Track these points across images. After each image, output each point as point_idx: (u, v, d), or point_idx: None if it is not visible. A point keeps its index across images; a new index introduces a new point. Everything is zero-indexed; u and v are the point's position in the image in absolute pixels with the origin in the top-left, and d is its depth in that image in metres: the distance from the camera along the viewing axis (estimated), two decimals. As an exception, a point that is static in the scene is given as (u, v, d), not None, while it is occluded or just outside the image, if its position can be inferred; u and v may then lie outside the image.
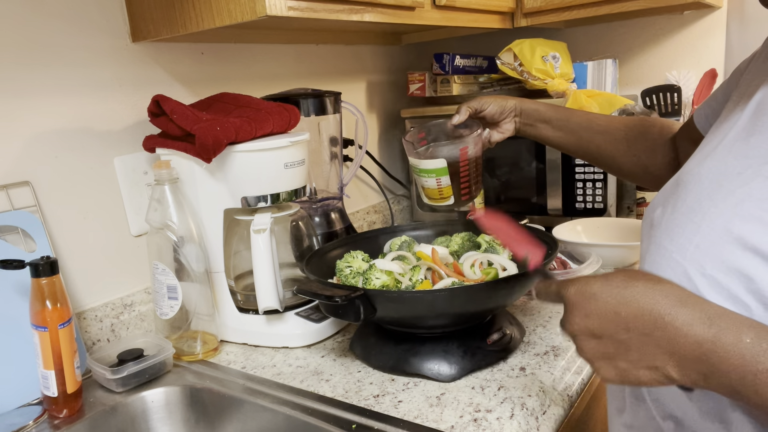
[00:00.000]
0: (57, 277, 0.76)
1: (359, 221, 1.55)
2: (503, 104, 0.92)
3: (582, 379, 0.79)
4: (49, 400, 0.77)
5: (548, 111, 0.92)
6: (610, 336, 0.48)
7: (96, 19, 0.96)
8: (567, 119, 0.91)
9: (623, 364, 0.48)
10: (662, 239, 0.55)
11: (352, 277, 0.89)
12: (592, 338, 0.49)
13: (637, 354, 0.46)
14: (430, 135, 0.95)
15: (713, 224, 0.49)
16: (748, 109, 0.55)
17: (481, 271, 0.88)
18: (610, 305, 0.47)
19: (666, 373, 0.46)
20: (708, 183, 0.53)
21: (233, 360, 0.92)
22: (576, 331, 0.50)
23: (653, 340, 0.45)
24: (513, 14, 1.39)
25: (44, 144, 0.91)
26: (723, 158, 0.53)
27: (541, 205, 1.40)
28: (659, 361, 0.46)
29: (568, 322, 0.51)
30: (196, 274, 0.91)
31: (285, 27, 1.25)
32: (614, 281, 0.48)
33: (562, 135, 0.92)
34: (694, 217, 0.52)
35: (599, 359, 0.49)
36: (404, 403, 0.74)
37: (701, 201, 0.52)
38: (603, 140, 0.90)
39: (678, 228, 0.53)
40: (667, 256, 0.54)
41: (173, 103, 0.89)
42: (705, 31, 1.46)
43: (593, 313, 0.48)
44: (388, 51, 1.65)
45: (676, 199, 0.55)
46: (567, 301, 0.51)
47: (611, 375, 0.49)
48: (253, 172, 0.90)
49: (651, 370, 0.46)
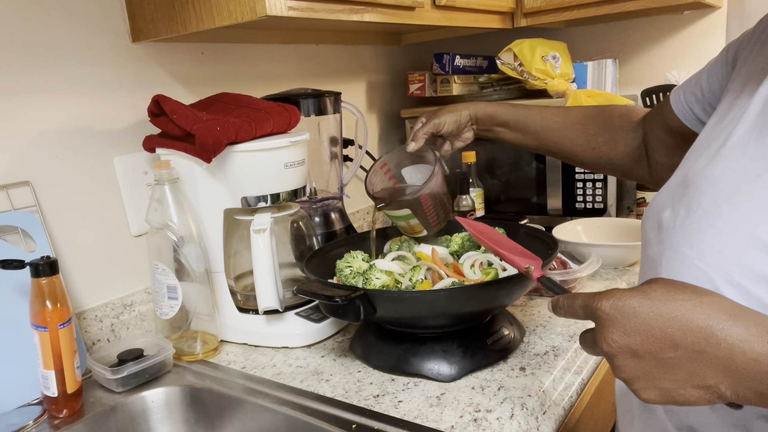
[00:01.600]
0: (57, 277, 0.76)
1: (359, 221, 1.55)
2: (458, 119, 0.92)
3: (582, 379, 0.79)
4: (49, 400, 0.77)
5: (504, 114, 0.92)
6: (653, 355, 0.44)
7: (96, 19, 0.96)
8: (524, 121, 0.91)
9: (668, 384, 0.44)
10: (679, 244, 0.52)
11: (352, 277, 0.89)
12: (633, 357, 0.45)
13: (686, 373, 0.43)
14: (392, 162, 0.97)
15: (737, 229, 0.47)
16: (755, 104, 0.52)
17: (481, 271, 0.88)
18: (654, 321, 0.44)
19: (718, 391, 0.43)
20: (724, 185, 0.50)
21: (233, 360, 0.92)
22: (614, 350, 0.46)
23: (705, 357, 0.42)
24: (513, 14, 1.39)
25: (44, 144, 0.91)
26: (737, 159, 0.50)
27: (541, 205, 1.40)
28: (711, 379, 0.42)
29: (603, 340, 0.47)
30: (196, 274, 0.91)
31: (285, 27, 1.25)
32: (654, 295, 0.45)
33: (520, 136, 0.92)
34: (714, 221, 0.49)
35: (640, 380, 0.46)
36: (404, 403, 0.74)
37: (719, 204, 0.49)
38: (560, 137, 0.89)
39: (697, 233, 0.50)
40: (687, 262, 0.51)
41: (173, 103, 0.89)
42: (705, 31, 1.46)
43: (634, 330, 0.45)
44: (388, 51, 1.65)
45: (689, 201, 0.53)
46: (601, 317, 0.47)
47: (653, 396, 0.46)
48: (253, 172, 0.90)
49: (702, 389, 0.43)
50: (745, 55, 0.61)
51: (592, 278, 1.12)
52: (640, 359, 0.45)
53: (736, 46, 0.65)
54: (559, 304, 0.54)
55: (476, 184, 1.43)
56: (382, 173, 0.97)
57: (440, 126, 0.91)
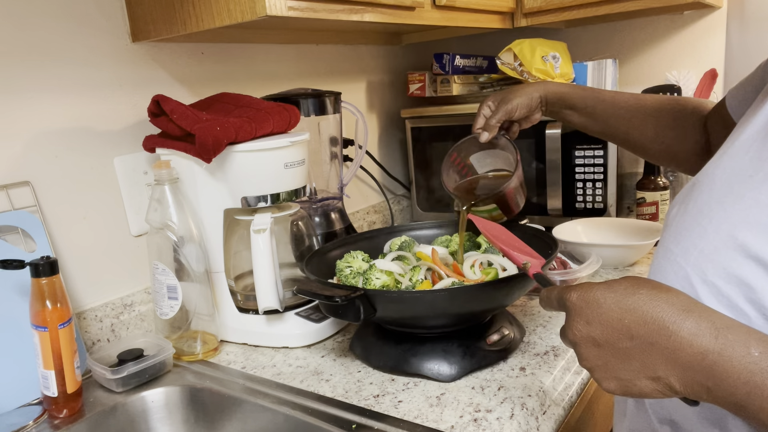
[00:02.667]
0: (57, 277, 0.76)
1: (359, 221, 1.55)
2: (529, 103, 0.89)
3: (582, 379, 0.79)
4: (49, 400, 0.77)
5: (575, 97, 0.89)
6: (612, 344, 0.46)
7: (96, 19, 0.96)
8: (593, 105, 0.88)
9: (625, 374, 0.46)
10: (669, 242, 0.53)
11: (352, 277, 0.89)
12: (594, 346, 0.47)
13: (639, 363, 0.45)
14: (461, 152, 0.96)
15: (719, 229, 0.48)
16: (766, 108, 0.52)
17: (481, 271, 0.88)
18: (613, 312, 0.46)
19: (669, 383, 0.44)
20: (720, 184, 0.50)
21: (233, 360, 0.92)
22: (578, 338, 0.48)
23: (656, 349, 0.44)
24: (513, 14, 1.39)
25: (44, 144, 0.91)
26: (739, 159, 0.50)
27: (541, 205, 1.40)
28: (662, 371, 0.44)
29: (569, 328, 0.49)
30: (196, 274, 0.91)
31: (285, 27, 1.25)
32: (618, 288, 0.47)
33: (588, 121, 0.90)
34: (702, 220, 0.50)
35: (601, 369, 0.48)
36: (404, 403, 0.74)
37: (711, 204, 0.50)
38: (629, 126, 0.87)
39: (685, 231, 0.51)
40: (671, 259, 0.52)
41: (173, 103, 0.89)
42: (705, 31, 1.46)
43: (596, 320, 0.47)
44: (388, 51, 1.65)
45: (689, 200, 0.53)
46: (569, 308, 0.50)
47: (612, 386, 0.47)
48: (253, 172, 0.90)
49: (653, 380, 0.45)
50: None
51: (592, 278, 1.12)
52: (600, 348, 0.47)
53: None
54: (541, 295, 0.56)
55: (476, 184, 1.43)
56: (454, 165, 0.95)
57: (513, 112, 0.89)
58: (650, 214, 1.33)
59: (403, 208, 1.72)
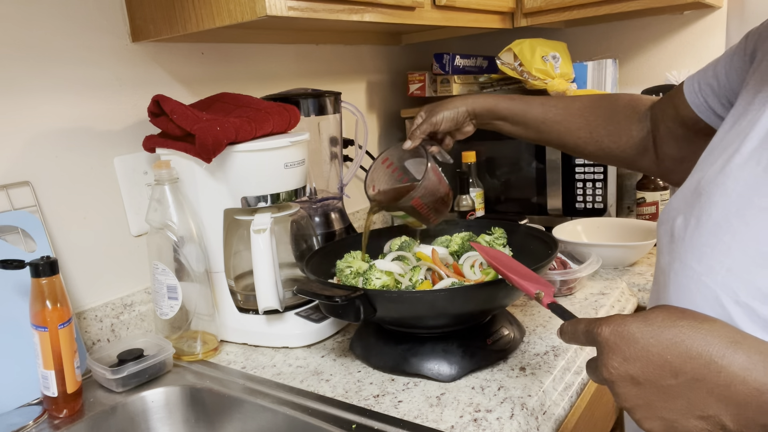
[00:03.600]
0: (57, 277, 0.76)
1: (359, 221, 1.55)
2: (455, 116, 0.90)
3: (582, 379, 0.79)
4: (49, 400, 0.77)
5: (503, 108, 0.90)
6: (654, 382, 0.43)
7: (96, 19, 0.96)
8: (523, 114, 0.89)
9: (670, 414, 0.43)
10: (688, 258, 0.50)
11: (353, 278, 0.89)
12: (634, 385, 0.44)
13: (686, 402, 0.42)
14: (393, 156, 0.97)
15: (746, 246, 0.45)
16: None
17: (481, 271, 0.88)
18: (653, 348, 0.43)
19: (720, 422, 0.41)
20: (736, 197, 0.47)
21: (233, 360, 0.92)
22: (614, 377, 0.45)
23: (705, 386, 0.41)
24: (513, 14, 1.39)
25: (44, 144, 0.91)
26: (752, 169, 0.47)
27: (541, 205, 1.40)
28: (713, 410, 0.41)
29: (604, 366, 0.46)
30: (196, 274, 0.91)
31: (285, 27, 1.25)
32: (655, 320, 0.44)
33: (521, 129, 0.91)
34: (723, 235, 0.47)
35: (642, 409, 0.45)
36: (404, 403, 0.74)
37: (729, 218, 0.47)
38: (562, 129, 0.87)
39: (706, 247, 0.48)
40: (695, 278, 0.49)
41: (173, 103, 0.89)
42: (705, 31, 1.46)
43: (634, 357, 0.44)
44: (388, 51, 1.65)
45: (700, 212, 0.50)
46: (601, 343, 0.46)
47: (656, 426, 0.44)
48: (253, 172, 0.90)
49: (703, 420, 0.42)
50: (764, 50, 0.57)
51: (592, 278, 1.12)
52: (640, 387, 0.44)
53: (755, 38, 0.60)
54: (563, 329, 0.54)
55: (476, 184, 1.43)
56: (384, 168, 0.96)
57: (437, 125, 0.91)
58: (650, 214, 1.33)
59: (403, 208, 1.72)
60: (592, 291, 1.06)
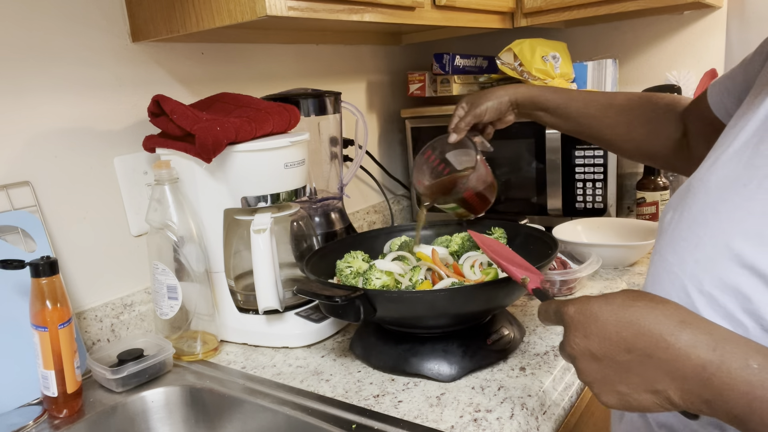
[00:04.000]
0: (57, 277, 0.76)
1: (359, 221, 1.55)
2: (498, 107, 0.91)
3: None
4: (49, 400, 0.77)
5: (546, 99, 0.91)
6: (610, 357, 0.46)
7: (96, 19, 0.96)
8: (565, 107, 0.90)
9: (624, 388, 0.46)
10: (665, 250, 0.53)
11: (353, 278, 0.89)
12: (593, 360, 0.47)
13: (638, 377, 0.45)
14: (435, 150, 0.98)
15: (715, 239, 0.47)
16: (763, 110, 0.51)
17: (481, 271, 0.88)
18: (611, 326, 0.45)
19: (668, 397, 0.44)
20: (714, 192, 0.50)
21: (233, 360, 0.92)
22: (576, 352, 0.48)
23: (654, 361, 0.43)
24: (513, 14, 1.39)
25: (44, 144, 0.91)
26: (733, 167, 0.50)
27: (541, 205, 1.40)
28: (661, 384, 0.44)
29: (567, 342, 0.49)
30: (196, 274, 0.91)
31: (285, 27, 1.25)
32: (615, 301, 0.47)
33: (560, 122, 0.92)
34: (698, 229, 0.49)
35: (599, 383, 0.47)
36: (404, 403, 0.74)
37: (706, 213, 0.50)
38: (601, 125, 0.89)
39: (682, 240, 0.51)
40: (668, 268, 0.52)
41: (173, 103, 0.89)
42: (705, 31, 1.46)
43: (593, 333, 0.47)
44: (388, 51, 1.65)
45: (683, 207, 0.53)
46: (567, 322, 0.49)
47: (612, 400, 0.47)
48: (253, 172, 0.90)
49: (653, 393, 0.45)
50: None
51: (592, 278, 1.12)
52: (598, 362, 0.47)
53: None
54: (539, 310, 0.56)
55: (476, 184, 1.42)
56: (428, 162, 0.98)
57: (482, 116, 0.91)
58: (650, 214, 1.33)
59: (403, 208, 1.72)
60: (592, 291, 1.06)
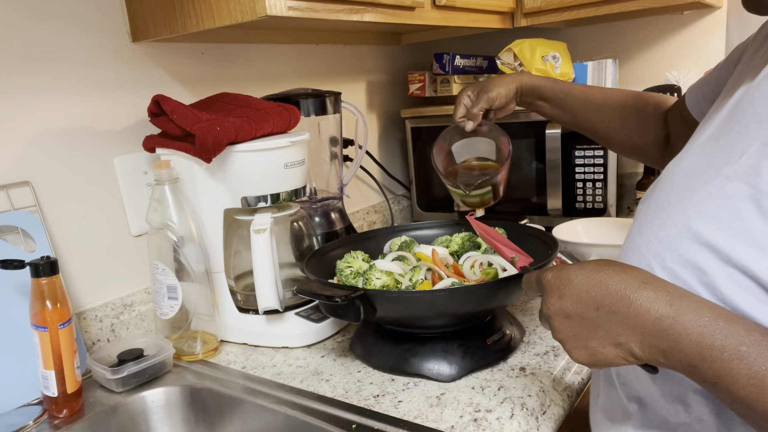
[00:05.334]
0: (57, 277, 0.76)
1: (359, 221, 1.55)
2: (507, 92, 0.93)
3: (582, 379, 0.79)
4: (49, 400, 0.77)
5: (547, 89, 0.93)
6: (581, 315, 0.51)
7: (96, 19, 0.96)
8: (564, 98, 0.93)
9: (592, 342, 0.51)
10: (633, 233, 0.58)
11: (353, 278, 0.89)
12: (565, 318, 0.52)
13: (604, 331, 0.50)
14: (446, 140, 0.99)
15: (676, 220, 0.52)
16: (726, 108, 0.56)
17: (481, 271, 0.88)
18: (583, 287, 0.51)
19: (630, 349, 0.48)
20: (678, 181, 0.55)
21: (233, 360, 0.92)
22: (551, 311, 0.53)
23: (619, 317, 0.48)
24: (513, 14, 1.39)
25: (44, 144, 0.91)
26: (696, 157, 0.55)
27: (541, 205, 1.40)
28: (623, 337, 0.48)
29: (544, 304, 0.54)
30: (196, 274, 0.91)
31: (285, 27, 1.25)
32: (588, 266, 0.52)
33: (558, 112, 0.95)
34: (662, 213, 0.54)
35: (571, 339, 0.52)
36: (404, 403, 0.74)
37: (670, 198, 0.54)
38: (597, 119, 0.92)
39: (647, 223, 0.56)
40: (635, 249, 0.56)
41: (173, 103, 0.89)
42: (705, 31, 1.46)
43: (567, 294, 0.52)
44: (388, 51, 1.65)
45: (652, 196, 0.58)
46: (545, 286, 0.54)
47: (582, 355, 0.52)
48: (253, 172, 0.90)
49: (616, 347, 0.49)
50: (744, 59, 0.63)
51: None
52: (570, 320, 0.52)
53: (742, 48, 0.67)
54: (523, 281, 0.61)
55: (476, 184, 1.42)
56: (442, 155, 0.98)
57: (493, 101, 0.92)
58: (650, 214, 1.33)
59: (403, 208, 1.72)
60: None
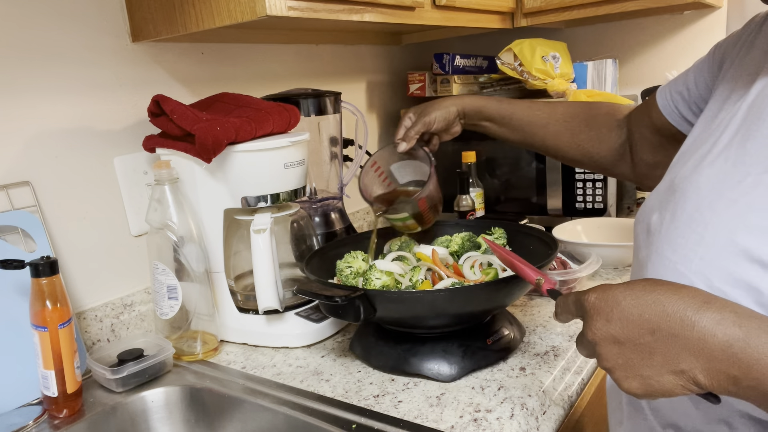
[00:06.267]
0: (57, 277, 0.76)
1: (359, 221, 1.55)
2: (446, 116, 0.92)
3: (582, 379, 0.79)
4: (49, 400, 0.77)
5: (491, 109, 0.93)
6: (633, 340, 0.45)
7: (96, 19, 0.96)
8: (509, 117, 0.92)
9: (647, 370, 0.45)
10: (664, 248, 0.53)
11: (353, 278, 0.89)
12: (614, 344, 0.47)
13: (662, 358, 0.44)
14: (381, 160, 0.97)
15: (717, 235, 0.48)
16: (741, 109, 0.53)
17: (481, 271, 0.88)
18: (634, 309, 0.45)
19: (693, 377, 0.43)
20: (707, 191, 0.51)
21: (233, 360, 0.92)
22: (597, 337, 0.48)
23: (680, 341, 0.43)
24: (513, 14, 1.39)
25: (44, 144, 0.91)
26: (720, 165, 0.51)
27: (541, 205, 1.40)
28: (685, 364, 0.43)
29: (588, 329, 0.48)
30: (196, 274, 0.91)
31: (285, 27, 1.25)
32: (636, 287, 0.47)
33: (506, 131, 0.94)
34: (697, 227, 0.50)
35: (621, 368, 0.47)
36: (404, 403, 0.74)
37: (702, 210, 0.50)
38: (545, 134, 0.91)
39: (680, 238, 0.51)
40: (671, 267, 0.52)
41: (173, 103, 0.89)
42: (705, 31, 1.46)
43: (616, 317, 0.46)
44: (388, 51, 1.65)
45: (675, 207, 0.54)
46: (587, 309, 0.49)
47: (634, 385, 0.46)
48: (253, 172, 0.90)
49: (677, 375, 0.44)
50: (732, 58, 0.62)
51: (592, 278, 1.12)
52: (620, 346, 0.46)
53: (723, 48, 0.66)
54: (557, 304, 0.55)
55: (476, 184, 1.43)
56: (373, 172, 0.97)
57: (431, 125, 0.92)
58: (650, 214, 1.33)
59: (403, 208, 1.72)
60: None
